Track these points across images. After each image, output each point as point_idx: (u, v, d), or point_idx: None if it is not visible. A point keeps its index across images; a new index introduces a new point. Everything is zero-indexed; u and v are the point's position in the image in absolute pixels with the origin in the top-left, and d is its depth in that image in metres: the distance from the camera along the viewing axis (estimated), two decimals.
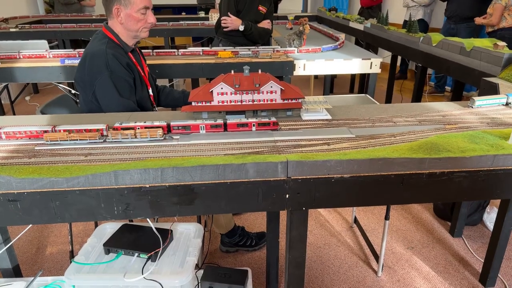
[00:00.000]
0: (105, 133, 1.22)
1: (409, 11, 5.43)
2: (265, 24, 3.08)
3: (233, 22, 2.95)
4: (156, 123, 1.24)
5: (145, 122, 1.25)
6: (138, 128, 1.21)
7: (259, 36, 3.06)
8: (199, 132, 1.26)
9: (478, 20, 4.13)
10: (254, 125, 1.27)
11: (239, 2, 3.00)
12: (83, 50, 1.78)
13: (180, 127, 1.24)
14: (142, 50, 2.07)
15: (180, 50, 2.67)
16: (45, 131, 1.20)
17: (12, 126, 1.26)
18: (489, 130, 1.25)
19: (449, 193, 1.14)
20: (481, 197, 1.74)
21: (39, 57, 2.55)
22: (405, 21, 5.55)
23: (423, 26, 5.27)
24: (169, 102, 2.08)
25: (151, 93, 1.89)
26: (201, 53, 2.69)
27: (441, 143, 1.13)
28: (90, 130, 1.20)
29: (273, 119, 1.29)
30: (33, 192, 1.00)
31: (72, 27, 4.39)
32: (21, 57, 2.54)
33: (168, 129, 1.25)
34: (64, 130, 1.20)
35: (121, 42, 1.74)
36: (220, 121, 1.26)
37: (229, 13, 2.97)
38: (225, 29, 3.02)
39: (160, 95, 2.05)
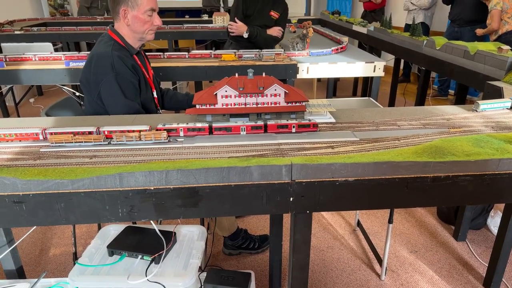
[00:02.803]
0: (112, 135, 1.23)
1: (411, 15, 5.44)
2: (275, 30, 3.04)
3: (238, 28, 2.95)
4: (199, 125, 1.26)
5: (187, 123, 1.27)
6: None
7: (265, 43, 3.03)
8: (239, 133, 1.28)
9: (480, 32, 4.14)
10: (294, 126, 1.28)
11: (249, 7, 2.99)
12: (86, 53, 1.79)
13: (222, 129, 1.27)
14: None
15: (165, 53, 2.68)
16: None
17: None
18: (494, 134, 1.25)
19: (454, 197, 1.13)
20: (486, 201, 1.73)
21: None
22: (406, 25, 5.55)
23: (424, 29, 5.26)
24: (173, 104, 2.09)
25: (155, 95, 1.90)
26: (186, 56, 2.68)
27: (445, 147, 1.13)
28: (133, 131, 1.21)
29: (313, 120, 1.30)
30: (39, 194, 1.01)
31: (76, 30, 4.42)
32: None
33: (210, 131, 1.27)
34: (109, 131, 1.21)
35: (126, 44, 1.76)
36: (260, 123, 1.28)
37: (236, 18, 2.97)
38: (231, 34, 3.03)
39: (164, 98, 2.06)
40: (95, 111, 1.73)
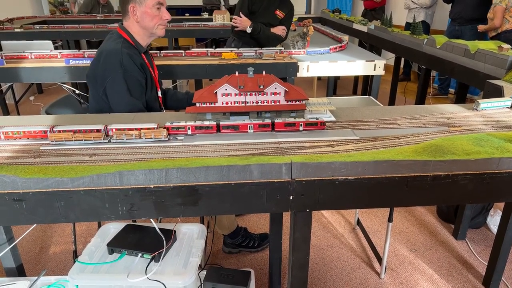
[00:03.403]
0: (109, 133, 1.23)
1: (412, 13, 5.43)
2: (279, 30, 3.03)
3: (242, 23, 2.94)
4: (206, 123, 1.26)
5: (195, 121, 1.28)
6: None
7: (267, 41, 3.02)
8: (247, 132, 1.28)
9: (481, 28, 4.11)
10: (301, 125, 1.28)
11: (255, 3, 2.98)
12: (84, 50, 1.79)
13: (229, 127, 1.27)
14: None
15: (162, 52, 2.68)
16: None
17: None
18: (494, 132, 1.25)
19: (454, 195, 1.13)
20: (486, 200, 1.73)
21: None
22: (407, 23, 5.55)
23: (425, 27, 5.26)
24: (173, 103, 2.09)
25: (160, 94, 1.92)
26: (183, 55, 2.68)
27: (445, 146, 1.13)
28: (141, 129, 1.21)
29: (321, 119, 1.30)
30: (39, 192, 1.01)
31: (76, 28, 4.41)
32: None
33: (217, 129, 1.27)
34: (117, 129, 1.21)
35: (135, 42, 1.77)
36: (268, 121, 1.28)
37: (240, 12, 2.96)
38: (235, 29, 3.03)
39: (165, 96, 2.07)
40: (99, 107, 1.73)
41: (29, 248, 2.22)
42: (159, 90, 1.91)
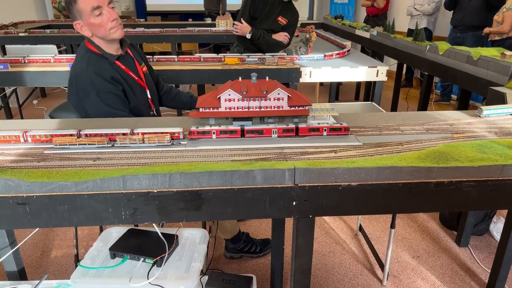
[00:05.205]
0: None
1: (414, 20, 5.45)
2: (281, 36, 3.03)
3: (241, 28, 2.96)
4: (231, 127, 1.27)
5: (220, 126, 1.28)
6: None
7: (268, 47, 3.02)
8: (271, 136, 1.29)
9: (487, 30, 4.04)
10: (325, 130, 1.29)
11: (256, 9, 2.99)
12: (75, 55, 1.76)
13: (254, 131, 1.28)
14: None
15: (155, 57, 2.69)
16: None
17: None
18: (498, 139, 1.25)
19: (457, 202, 1.13)
20: (489, 207, 1.73)
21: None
22: (409, 30, 5.56)
23: (427, 34, 5.28)
24: (175, 104, 2.09)
25: (149, 95, 1.82)
26: (175, 60, 2.71)
27: (449, 152, 1.13)
28: (162, 133, 1.22)
29: (345, 124, 1.30)
30: (42, 196, 1.01)
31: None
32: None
33: (242, 133, 1.28)
34: (142, 133, 1.21)
35: (104, 53, 1.67)
36: (292, 126, 1.28)
37: (242, 18, 2.98)
38: (236, 34, 3.05)
39: (167, 95, 2.05)
40: None
41: (31, 251, 2.22)
42: (148, 90, 1.81)
